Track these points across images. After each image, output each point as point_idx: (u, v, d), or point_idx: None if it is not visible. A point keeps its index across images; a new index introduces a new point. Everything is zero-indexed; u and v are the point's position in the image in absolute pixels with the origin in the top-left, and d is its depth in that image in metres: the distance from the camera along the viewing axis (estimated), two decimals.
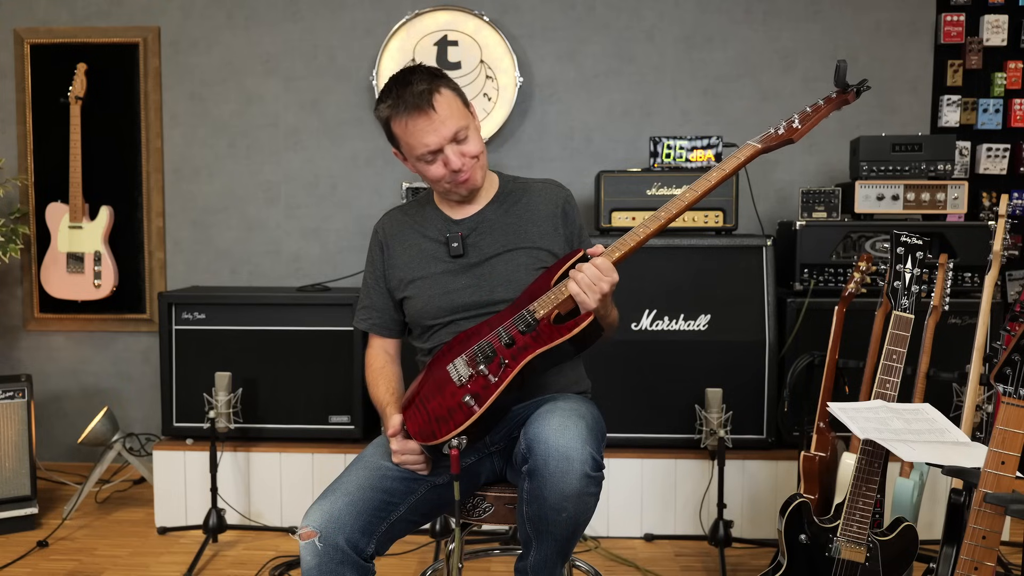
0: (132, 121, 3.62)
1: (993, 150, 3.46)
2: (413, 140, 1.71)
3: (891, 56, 3.50)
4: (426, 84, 1.70)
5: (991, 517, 1.55)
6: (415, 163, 1.76)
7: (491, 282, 1.78)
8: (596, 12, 3.54)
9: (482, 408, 1.59)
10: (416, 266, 1.83)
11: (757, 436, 2.89)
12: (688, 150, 2.96)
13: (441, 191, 1.82)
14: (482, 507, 1.77)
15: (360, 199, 3.62)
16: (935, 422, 1.84)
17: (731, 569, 2.64)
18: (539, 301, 1.65)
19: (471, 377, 1.64)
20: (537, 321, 1.63)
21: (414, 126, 1.69)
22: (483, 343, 1.67)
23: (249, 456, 2.99)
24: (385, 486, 1.64)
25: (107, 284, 3.55)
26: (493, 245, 1.81)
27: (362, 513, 1.58)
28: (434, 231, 1.84)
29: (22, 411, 2.96)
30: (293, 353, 3.02)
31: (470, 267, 1.80)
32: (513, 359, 1.62)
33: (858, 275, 2.43)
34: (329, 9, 3.58)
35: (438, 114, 1.69)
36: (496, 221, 1.83)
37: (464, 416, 1.60)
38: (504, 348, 1.64)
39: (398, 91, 1.71)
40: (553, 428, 1.53)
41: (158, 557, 2.80)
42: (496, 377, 1.61)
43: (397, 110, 1.70)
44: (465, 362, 1.67)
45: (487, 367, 1.63)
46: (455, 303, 1.78)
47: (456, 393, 1.64)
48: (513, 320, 1.66)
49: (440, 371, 1.70)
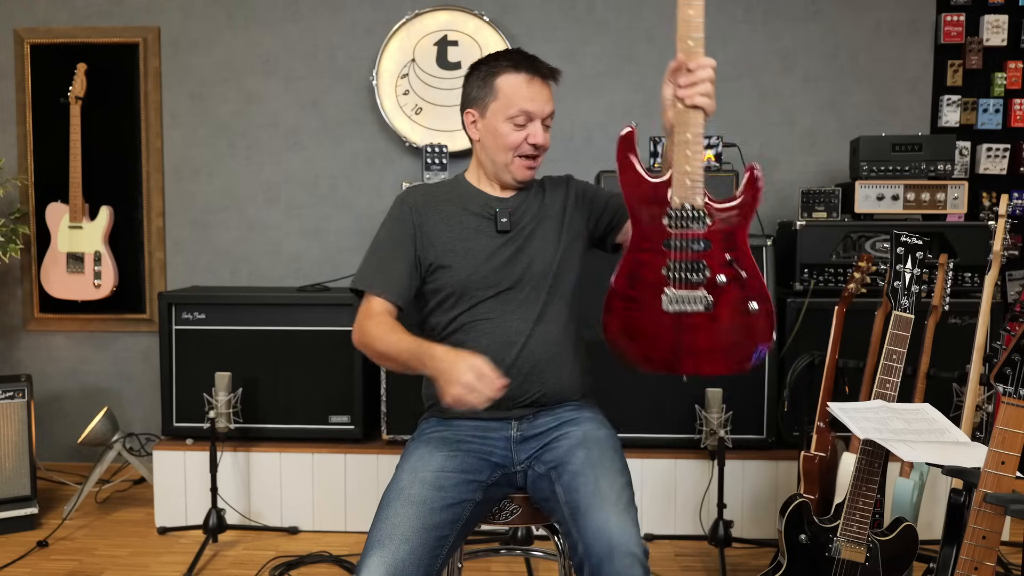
0: (132, 121, 3.62)
1: (993, 150, 3.46)
2: (520, 98, 1.76)
3: (891, 56, 3.50)
4: (553, 67, 1.82)
5: (991, 517, 1.55)
6: (501, 123, 1.77)
7: (530, 255, 1.79)
8: (596, 12, 3.54)
9: (767, 300, 1.55)
10: (457, 235, 1.80)
11: (757, 436, 2.89)
12: None
13: (501, 163, 1.80)
14: (509, 509, 1.77)
15: (360, 199, 3.62)
16: (935, 422, 1.84)
17: (731, 569, 2.64)
18: (676, 189, 1.54)
19: (702, 294, 1.56)
20: (703, 210, 1.54)
21: (529, 88, 1.76)
22: (673, 265, 1.56)
23: (249, 456, 2.99)
24: (435, 522, 1.58)
25: (107, 284, 3.55)
26: (531, 223, 1.82)
27: (423, 560, 1.54)
28: (476, 206, 1.83)
29: (22, 411, 2.96)
30: (293, 353, 3.01)
31: (513, 241, 1.80)
32: (731, 248, 1.54)
33: (858, 275, 2.43)
34: (329, 9, 3.58)
35: (550, 91, 1.80)
36: (531, 204, 1.85)
37: (764, 319, 1.56)
38: (703, 252, 1.55)
39: (523, 56, 1.80)
40: (613, 524, 1.51)
41: (158, 557, 2.79)
42: (735, 270, 1.54)
43: (520, 68, 1.77)
44: (676, 291, 1.57)
45: (705, 275, 1.55)
46: (500, 276, 1.77)
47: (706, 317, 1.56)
48: (673, 227, 1.54)
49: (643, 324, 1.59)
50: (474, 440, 1.74)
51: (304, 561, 2.72)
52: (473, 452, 1.72)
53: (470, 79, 1.84)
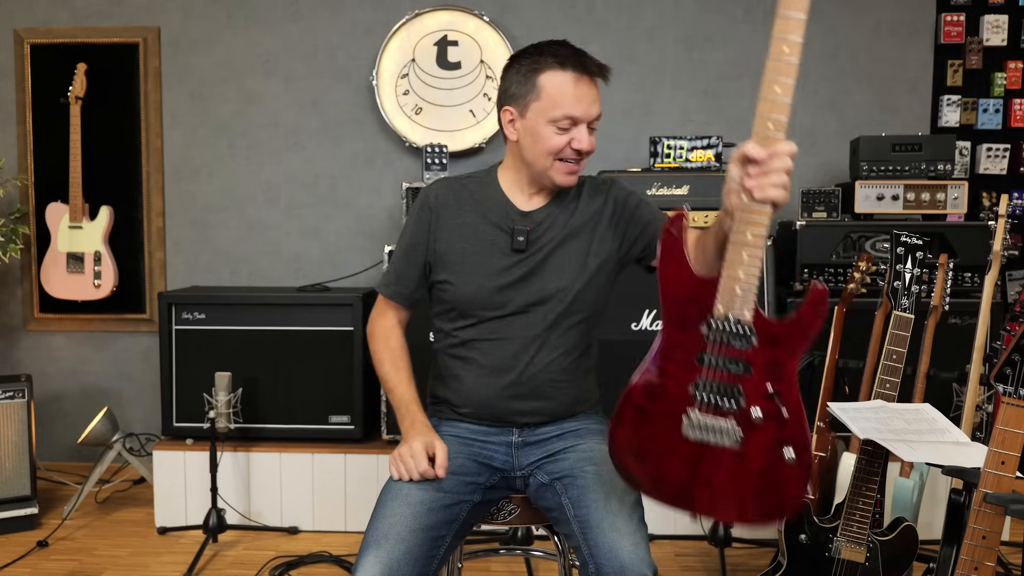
0: (132, 121, 3.62)
1: (993, 150, 3.46)
2: (565, 99, 1.62)
3: (891, 56, 3.50)
4: (601, 63, 1.66)
5: (991, 517, 1.55)
6: (543, 125, 1.64)
7: (542, 279, 1.70)
8: (596, 12, 3.54)
9: (807, 451, 1.32)
10: (470, 248, 1.71)
11: None
12: (688, 150, 2.97)
13: (540, 167, 1.68)
14: (507, 509, 1.76)
15: (360, 199, 3.62)
16: (935, 422, 1.84)
17: (731, 569, 2.64)
18: (722, 295, 1.29)
19: (731, 426, 1.33)
20: (750, 327, 1.30)
21: (576, 87, 1.62)
22: (703, 384, 1.33)
23: (249, 456, 2.99)
24: (431, 522, 1.56)
25: (107, 284, 3.55)
26: (552, 242, 1.71)
27: (419, 559, 1.52)
28: (497, 216, 1.72)
29: (22, 411, 2.96)
30: (293, 353, 3.01)
31: (527, 262, 1.70)
32: (775, 379, 1.31)
33: (858, 275, 2.43)
34: (329, 9, 3.58)
35: (597, 90, 1.66)
36: (559, 217, 1.73)
37: (799, 472, 1.32)
38: (741, 377, 1.32)
39: (569, 51, 1.64)
40: (625, 546, 1.48)
41: (158, 557, 2.79)
42: (775, 406, 1.31)
43: (566, 65, 1.62)
44: (701, 415, 1.34)
45: (739, 404, 1.32)
46: (505, 298, 1.69)
47: (731, 453, 1.33)
48: (711, 339, 1.32)
49: (657, 445, 1.39)
50: (475, 443, 1.72)
51: (304, 561, 2.72)
52: (473, 455, 1.70)
53: (509, 72, 1.69)
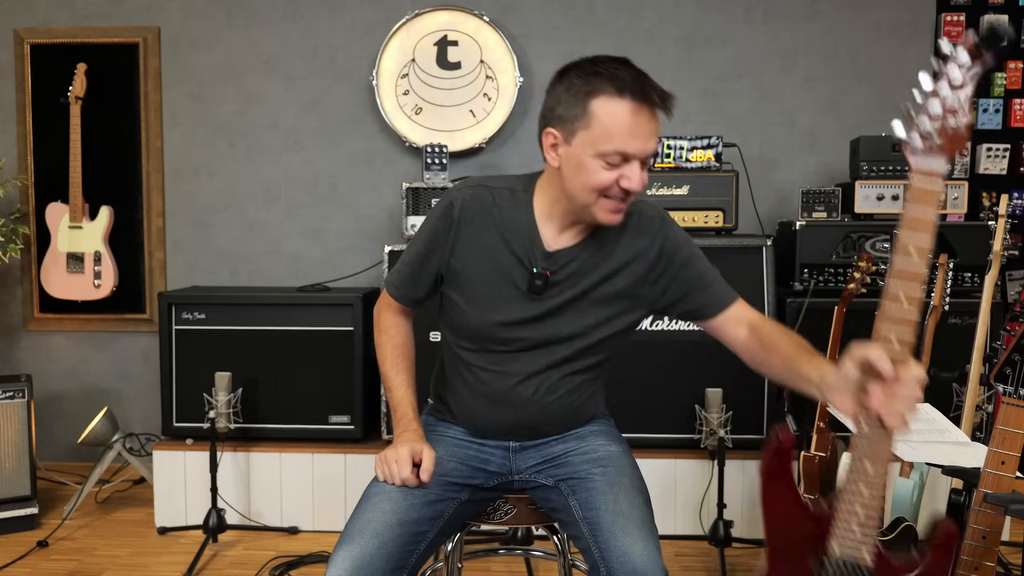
0: (132, 121, 3.62)
1: (993, 150, 3.46)
2: (619, 133, 1.42)
3: (891, 56, 3.50)
4: (664, 91, 1.45)
5: (991, 517, 1.55)
6: (590, 157, 1.44)
7: (557, 322, 1.60)
8: (596, 12, 3.54)
9: None
10: (486, 273, 1.60)
11: (757, 436, 2.89)
12: (688, 150, 2.97)
13: (581, 203, 1.50)
14: (504, 509, 1.74)
15: (360, 199, 3.62)
16: (935, 422, 1.84)
17: (731, 569, 2.64)
18: (838, 535, 1.18)
19: None
20: (871, 571, 1.20)
21: (634, 120, 1.41)
22: None
23: (249, 456, 2.99)
24: (413, 518, 1.52)
25: (107, 284, 3.55)
26: (574, 288, 1.59)
27: (392, 555, 1.47)
28: (519, 246, 1.58)
29: (22, 411, 2.96)
30: (293, 353, 3.01)
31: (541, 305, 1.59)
32: None
33: (858, 275, 2.43)
34: (329, 9, 3.58)
35: (657, 123, 1.45)
36: (588, 260, 1.59)
37: None
38: None
39: (631, 75, 1.43)
40: (637, 550, 1.46)
41: (158, 557, 2.79)
42: None
43: (624, 92, 1.41)
44: None
45: None
46: (512, 334, 1.60)
47: None
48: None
49: None
50: (471, 446, 1.69)
51: (304, 561, 2.71)
52: (468, 458, 1.67)
53: (557, 88, 1.49)
